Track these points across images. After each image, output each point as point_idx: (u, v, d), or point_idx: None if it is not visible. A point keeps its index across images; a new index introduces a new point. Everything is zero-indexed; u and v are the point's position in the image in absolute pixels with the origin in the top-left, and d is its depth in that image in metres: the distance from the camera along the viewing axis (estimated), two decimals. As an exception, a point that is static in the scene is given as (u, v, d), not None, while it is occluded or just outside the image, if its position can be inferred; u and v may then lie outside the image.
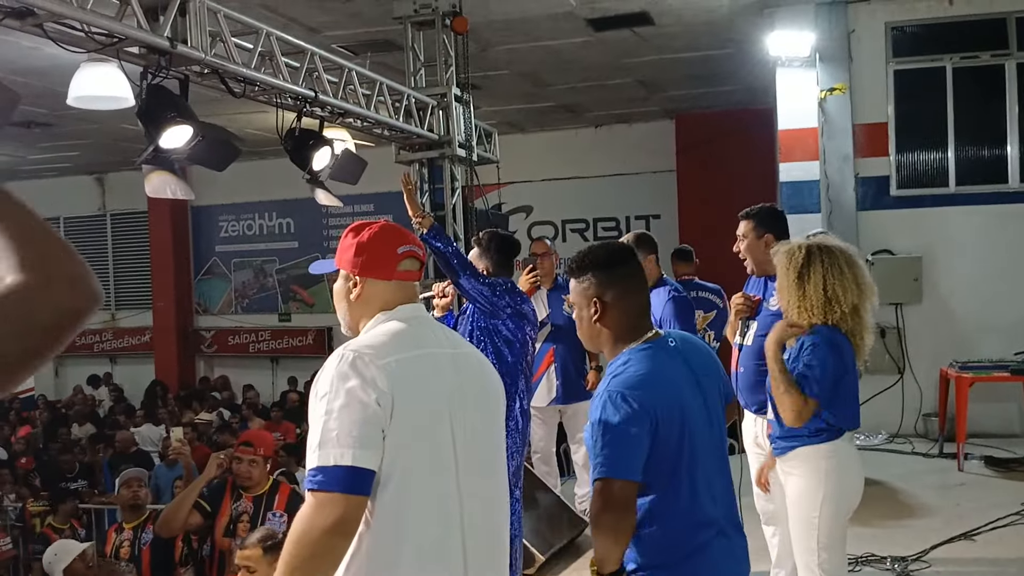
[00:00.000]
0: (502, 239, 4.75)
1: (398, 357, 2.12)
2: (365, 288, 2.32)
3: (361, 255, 2.33)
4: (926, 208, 8.77)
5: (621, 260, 2.72)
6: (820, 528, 3.52)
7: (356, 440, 1.99)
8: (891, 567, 5.08)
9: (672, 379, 2.62)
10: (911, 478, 7.06)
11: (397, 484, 2.06)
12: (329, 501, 1.97)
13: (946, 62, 8.69)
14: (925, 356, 8.48)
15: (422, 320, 2.36)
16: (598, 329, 2.68)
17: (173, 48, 4.66)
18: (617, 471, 2.50)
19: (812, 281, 3.53)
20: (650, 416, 2.50)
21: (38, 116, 11.65)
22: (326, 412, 2.03)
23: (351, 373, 2.05)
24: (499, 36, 9.15)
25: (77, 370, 17.36)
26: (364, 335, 2.25)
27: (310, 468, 2.02)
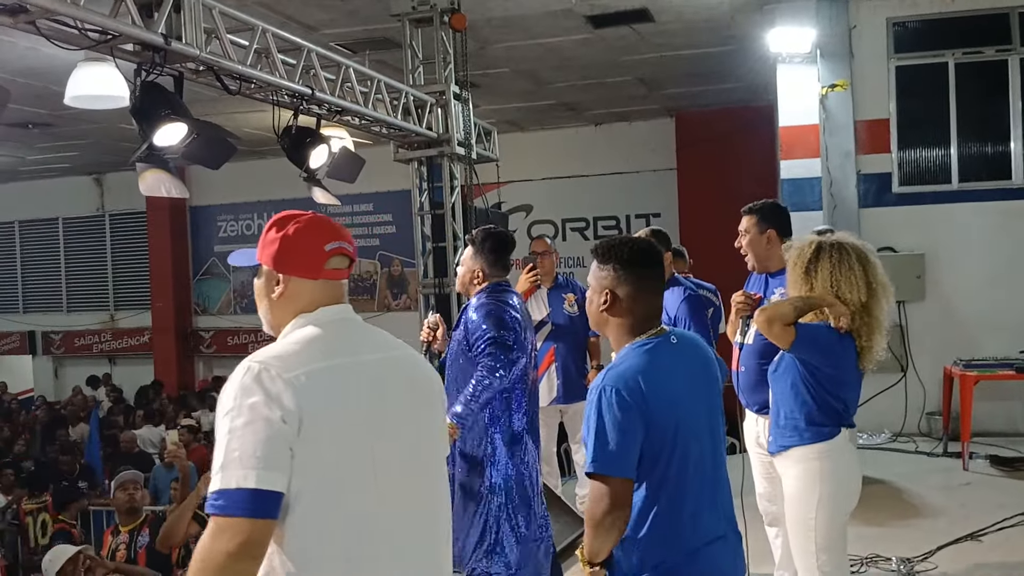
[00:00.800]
0: (496, 237, 4.49)
1: (308, 369, 1.97)
2: (289, 287, 2.15)
3: (285, 251, 2.15)
4: (929, 205, 8.71)
5: (645, 262, 2.72)
6: (817, 529, 3.46)
7: (260, 461, 1.85)
8: (897, 568, 5.03)
9: (669, 375, 2.63)
10: (915, 478, 7.00)
11: (309, 504, 1.92)
12: (230, 526, 1.84)
13: (948, 58, 8.63)
14: (928, 354, 8.42)
15: (346, 323, 2.19)
16: (605, 318, 2.72)
17: (167, 45, 4.60)
18: (610, 468, 2.51)
19: (819, 277, 3.49)
20: (642, 411, 2.52)
21: (36, 117, 11.62)
22: (229, 431, 1.89)
23: (255, 388, 1.91)
24: (498, 33, 9.10)
25: (76, 371, 17.35)
26: (276, 343, 2.09)
27: (211, 491, 1.88)
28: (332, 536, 1.96)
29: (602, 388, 2.55)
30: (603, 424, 2.51)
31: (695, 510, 2.59)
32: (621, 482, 2.51)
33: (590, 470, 2.53)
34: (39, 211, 17.60)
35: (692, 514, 2.59)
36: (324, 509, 1.95)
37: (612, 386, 2.54)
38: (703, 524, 2.61)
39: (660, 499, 2.56)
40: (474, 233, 4.61)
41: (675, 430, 2.56)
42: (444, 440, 2.30)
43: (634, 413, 2.51)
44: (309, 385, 1.94)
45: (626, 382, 2.54)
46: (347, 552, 1.97)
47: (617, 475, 2.50)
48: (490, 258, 4.40)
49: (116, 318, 17.41)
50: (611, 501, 2.50)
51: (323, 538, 1.95)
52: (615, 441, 2.50)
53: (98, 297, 17.61)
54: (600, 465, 2.51)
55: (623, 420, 2.50)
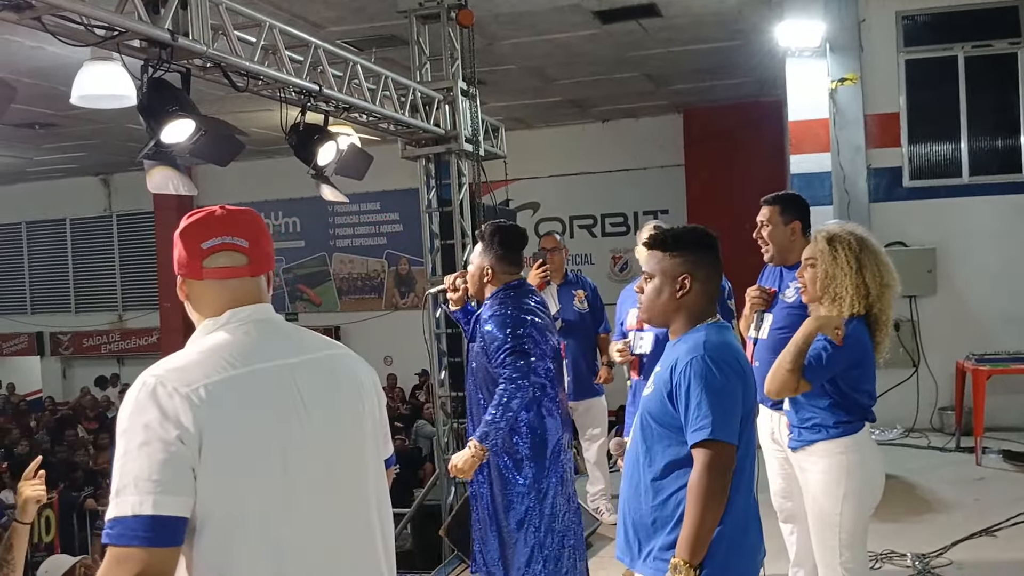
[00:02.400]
0: (506, 232, 4.27)
1: (209, 381, 1.81)
2: (186, 289, 2.05)
3: (176, 252, 2.04)
4: (939, 199, 8.66)
5: (713, 245, 2.79)
6: (842, 526, 3.42)
7: (157, 484, 1.71)
8: (912, 564, 4.99)
9: (742, 351, 2.77)
10: (928, 473, 6.96)
11: (218, 529, 1.77)
12: (127, 556, 1.69)
13: (958, 51, 8.58)
14: (940, 349, 8.37)
15: (259, 325, 2.00)
16: (677, 304, 2.73)
17: (174, 41, 4.57)
18: (724, 433, 2.52)
19: (869, 268, 3.46)
20: (742, 379, 2.62)
21: (43, 117, 11.63)
22: (124, 452, 1.74)
23: (149, 405, 1.76)
24: (505, 30, 9.08)
25: (85, 371, 17.38)
26: (178, 352, 1.93)
27: (107, 519, 1.73)
28: (246, 559, 1.81)
29: (705, 358, 2.57)
30: (712, 392, 2.53)
31: (747, 477, 2.70)
32: (732, 448, 2.55)
33: (703, 438, 2.50)
34: (46, 212, 17.63)
35: (748, 481, 2.70)
36: (235, 531, 1.79)
37: (715, 356, 2.58)
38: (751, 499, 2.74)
39: (740, 463, 2.63)
40: (483, 227, 4.42)
41: (749, 409, 2.68)
42: (377, 444, 2.13)
43: (738, 382, 2.59)
44: (209, 400, 1.79)
45: (723, 353, 2.61)
46: (259, 571, 1.82)
47: (729, 441, 2.53)
48: (499, 253, 4.20)
49: (124, 318, 17.43)
50: (724, 466, 2.52)
51: (236, 562, 1.80)
52: (727, 408, 2.54)
53: (106, 297, 17.64)
54: (717, 432, 2.50)
55: (728, 386, 2.56)
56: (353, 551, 2.00)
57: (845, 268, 3.45)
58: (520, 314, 4.10)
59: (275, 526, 1.84)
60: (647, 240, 2.83)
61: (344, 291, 15.90)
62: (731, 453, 2.54)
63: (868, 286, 3.44)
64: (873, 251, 3.50)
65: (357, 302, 15.73)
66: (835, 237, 3.52)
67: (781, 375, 3.40)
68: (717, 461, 2.51)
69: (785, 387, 3.41)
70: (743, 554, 2.68)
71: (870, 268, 3.45)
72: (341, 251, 15.84)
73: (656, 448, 2.67)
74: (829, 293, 3.49)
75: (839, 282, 3.46)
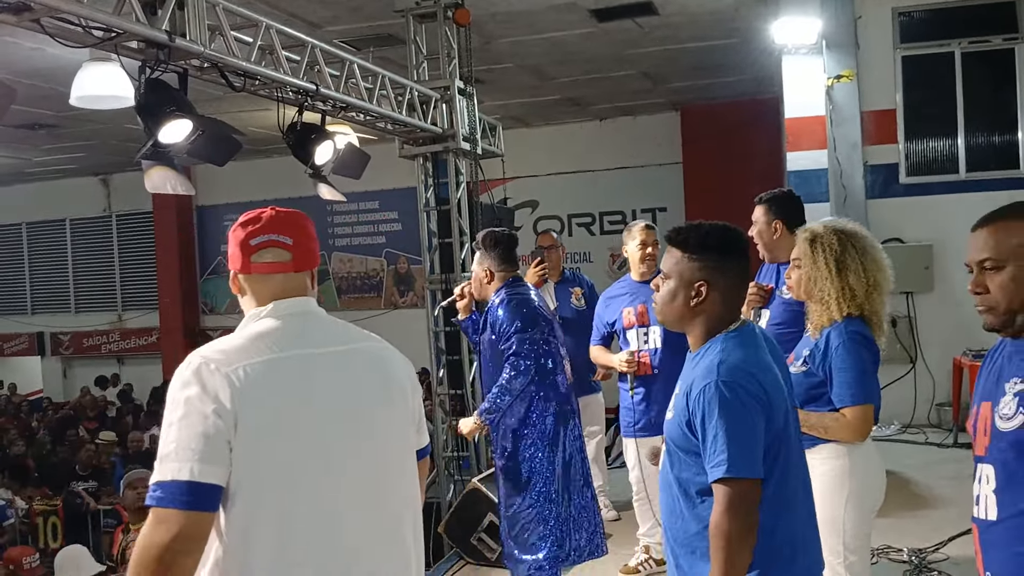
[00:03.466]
0: (498, 235, 4.72)
1: (248, 362, 1.98)
2: (238, 282, 2.24)
3: (228, 248, 2.26)
4: (936, 195, 8.68)
5: (741, 250, 2.57)
6: (846, 528, 3.32)
7: (196, 453, 1.88)
8: (909, 559, 5.01)
9: (770, 364, 2.51)
10: (926, 469, 6.98)
11: (247, 500, 1.93)
12: (167, 517, 1.87)
13: (955, 47, 8.60)
14: (937, 345, 8.39)
15: (301, 316, 2.19)
16: (692, 312, 2.52)
17: (171, 42, 4.59)
18: (745, 469, 2.32)
19: (853, 269, 3.32)
20: (763, 404, 2.38)
21: (42, 118, 11.64)
22: (168, 424, 1.93)
23: (193, 381, 1.94)
24: (502, 28, 9.09)
25: (84, 371, 17.39)
26: (225, 336, 2.13)
27: (151, 483, 1.92)
28: (269, 532, 1.95)
29: (719, 384, 2.36)
30: (731, 424, 2.33)
31: (796, 500, 2.51)
32: (755, 484, 2.35)
33: (720, 475, 2.32)
34: (46, 212, 17.64)
35: (795, 505, 2.50)
36: (264, 504, 1.95)
37: (733, 382, 2.36)
38: (803, 515, 2.55)
39: (770, 493, 2.40)
40: (478, 238, 4.83)
41: (784, 418, 2.45)
42: (409, 434, 2.26)
43: (758, 409, 2.37)
44: (247, 379, 1.96)
45: (744, 376, 2.38)
46: (281, 550, 1.96)
47: (754, 476, 2.34)
48: (497, 254, 4.63)
49: (124, 318, 17.45)
50: (748, 505, 2.33)
51: (260, 534, 1.94)
52: (747, 441, 2.34)
53: (106, 297, 17.65)
54: (735, 469, 2.31)
55: (750, 416, 2.35)
56: (377, 531, 2.12)
57: (824, 271, 3.34)
58: (527, 297, 4.58)
59: (305, 500, 1.98)
60: (668, 234, 2.61)
61: (343, 290, 15.92)
62: (753, 488, 2.34)
63: (853, 288, 3.31)
64: (860, 250, 3.36)
65: (356, 301, 15.75)
66: (816, 238, 3.40)
67: (839, 435, 3.27)
68: (737, 500, 2.32)
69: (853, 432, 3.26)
70: None
71: (853, 269, 3.32)
72: (340, 250, 15.85)
73: (685, 475, 2.50)
74: (814, 296, 3.38)
75: (820, 286, 3.35)
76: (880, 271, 3.39)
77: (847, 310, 3.31)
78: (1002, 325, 2.24)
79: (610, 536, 5.94)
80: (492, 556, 5.66)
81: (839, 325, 3.31)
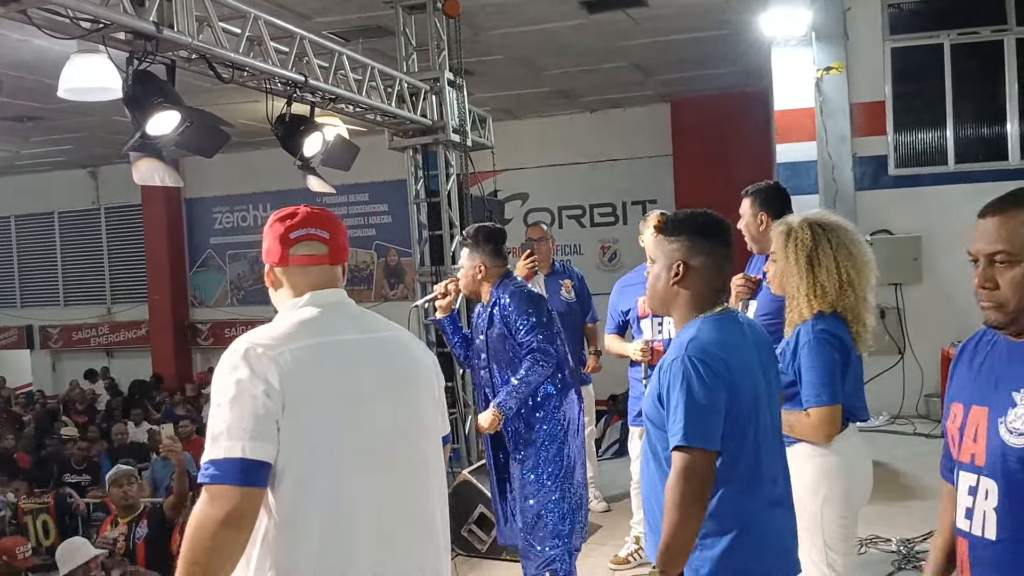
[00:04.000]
0: (487, 230, 4.63)
1: (293, 347, 2.08)
2: (274, 276, 2.32)
3: (265, 244, 2.33)
4: (925, 187, 8.71)
5: (718, 231, 2.69)
6: (825, 527, 3.28)
7: (247, 432, 1.96)
8: (897, 548, 5.04)
9: (742, 348, 2.62)
10: (914, 459, 7.01)
11: (295, 477, 2.01)
12: (220, 494, 1.94)
13: (944, 39, 8.62)
14: (926, 336, 8.42)
15: (336, 305, 2.29)
16: (675, 292, 2.67)
17: (159, 33, 4.58)
18: (699, 440, 2.44)
19: (824, 265, 3.26)
20: (726, 382, 2.49)
21: (30, 110, 11.59)
22: (218, 404, 2.00)
23: (241, 364, 2.02)
24: (492, 20, 9.07)
25: (74, 364, 17.33)
26: (265, 326, 2.18)
27: (203, 462, 1.98)
28: (315, 509, 2.03)
29: (685, 359, 2.49)
30: (690, 396, 2.46)
31: (764, 480, 2.61)
32: (710, 455, 2.46)
33: (679, 443, 2.45)
34: (35, 205, 17.56)
35: (761, 484, 2.61)
36: (313, 483, 2.03)
37: (696, 357, 2.49)
38: (771, 494, 2.65)
39: (738, 472, 2.54)
40: (465, 233, 4.74)
41: (752, 406, 2.56)
42: (432, 418, 2.35)
43: (720, 385, 2.48)
44: (293, 362, 2.04)
45: (710, 353, 2.50)
46: (326, 526, 2.04)
47: (708, 448, 2.45)
48: (488, 249, 4.53)
49: (113, 311, 17.40)
50: (702, 475, 2.45)
51: (307, 511, 2.03)
52: (704, 413, 2.45)
53: (95, 291, 17.59)
54: (691, 437, 2.43)
55: (711, 392, 2.46)
56: (415, 513, 2.22)
57: (794, 267, 3.29)
58: (529, 290, 4.58)
59: (343, 480, 2.06)
60: (655, 223, 2.82)
61: (333, 283, 15.91)
62: (704, 458, 2.45)
63: (824, 285, 3.25)
64: (836, 245, 3.29)
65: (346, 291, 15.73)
66: (790, 232, 3.35)
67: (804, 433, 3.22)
68: (688, 467, 2.44)
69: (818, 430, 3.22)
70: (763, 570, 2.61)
71: (825, 265, 3.26)
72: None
73: (658, 448, 2.61)
74: (787, 292, 3.35)
75: (790, 281, 3.32)
76: (856, 267, 3.31)
77: (817, 307, 3.26)
78: (1008, 323, 2.07)
79: (600, 527, 5.97)
80: (483, 548, 5.68)
81: (808, 323, 3.26)
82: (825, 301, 3.27)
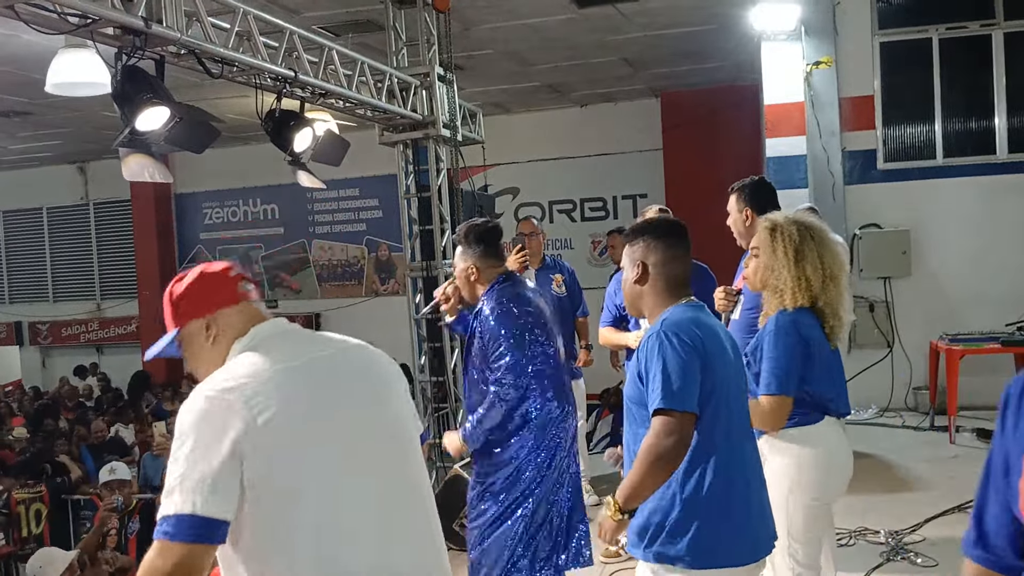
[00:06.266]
0: (478, 228, 4.32)
1: (256, 382, 2.01)
2: (219, 323, 2.22)
3: (201, 295, 2.24)
4: (914, 181, 8.75)
5: (669, 232, 2.92)
6: (791, 518, 3.31)
7: (201, 486, 1.90)
8: (886, 540, 5.07)
9: (714, 334, 2.80)
10: (903, 452, 7.06)
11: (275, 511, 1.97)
12: (167, 549, 1.90)
13: (932, 33, 8.65)
14: (914, 329, 8.46)
15: (284, 334, 2.23)
16: (639, 291, 2.89)
17: (148, 28, 4.55)
18: (678, 402, 2.61)
19: (810, 260, 3.34)
20: (700, 353, 2.66)
21: (17, 105, 11.52)
22: (175, 457, 1.95)
23: (202, 416, 1.96)
24: (482, 14, 9.06)
25: (63, 360, 17.27)
26: (221, 369, 2.11)
27: (159, 517, 1.94)
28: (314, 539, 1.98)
29: (660, 333, 2.68)
30: (667, 364, 2.63)
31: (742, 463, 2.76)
32: (688, 416, 2.61)
33: (659, 406, 2.61)
34: (23, 201, 17.47)
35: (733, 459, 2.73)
36: (304, 510, 1.98)
37: (672, 331, 2.68)
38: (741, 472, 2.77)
39: (711, 448, 2.69)
40: (458, 231, 4.45)
41: (722, 382, 2.72)
42: (409, 422, 2.31)
43: (694, 354, 2.65)
44: (257, 401, 1.97)
45: (684, 328, 2.69)
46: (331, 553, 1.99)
47: (687, 409, 2.61)
48: (480, 250, 4.25)
49: (103, 307, 17.33)
50: (680, 434, 2.59)
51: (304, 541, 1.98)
52: (681, 378, 2.62)
53: (84, 286, 17.52)
54: (668, 400, 2.60)
55: (686, 359, 2.63)
56: (406, 512, 2.18)
57: (783, 260, 3.36)
58: (516, 307, 4.14)
59: (337, 502, 2.02)
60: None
61: (324, 278, 15.86)
62: (685, 420, 2.60)
63: (809, 279, 3.33)
64: (818, 242, 3.38)
65: (337, 288, 15.69)
66: (776, 227, 3.42)
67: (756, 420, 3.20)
68: (668, 427, 2.59)
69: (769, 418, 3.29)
70: (721, 539, 2.67)
71: (811, 260, 3.33)
72: (320, 237, 15.78)
73: (640, 432, 2.72)
74: (769, 285, 3.40)
75: (777, 274, 3.37)
76: (838, 263, 3.41)
77: (801, 300, 3.33)
78: None
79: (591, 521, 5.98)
80: (474, 542, 5.67)
81: (778, 314, 3.34)
82: (809, 294, 3.34)
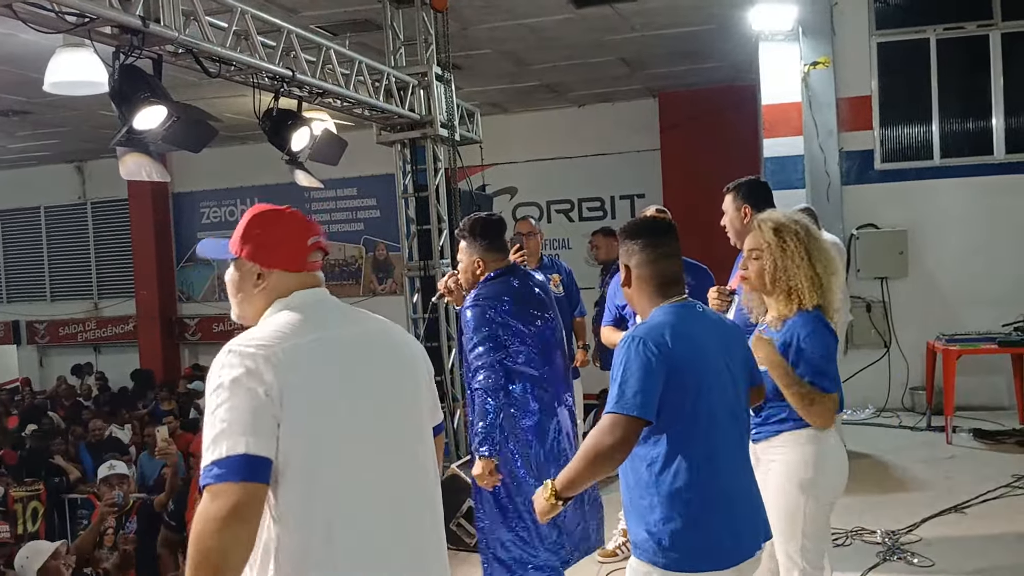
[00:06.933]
0: (482, 222, 4.30)
1: (286, 345, 2.05)
2: (271, 280, 2.24)
3: (270, 246, 2.26)
4: (911, 181, 8.76)
5: (649, 232, 2.92)
6: (806, 516, 3.33)
7: (247, 428, 1.94)
8: (882, 540, 5.07)
9: (694, 334, 2.77)
10: (899, 452, 7.06)
11: (297, 475, 1.99)
12: (223, 491, 1.91)
13: (930, 33, 8.66)
14: (911, 330, 8.48)
15: (323, 303, 2.27)
16: (627, 293, 2.94)
17: (145, 27, 4.55)
18: (628, 407, 2.62)
19: (818, 259, 3.32)
20: (666, 361, 2.65)
21: (15, 104, 11.51)
22: (216, 406, 1.97)
23: (236, 363, 2.00)
24: (480, 14, 9.06)
25: (61, 359, 17.26)
26: (254, 328, 2.15)
27: (205, 465, 1.95)
28: (318, 501, 2.02)
29: (631, 338, 2.71)
30: (628, 369, 2.66)
31: (718, 465, 2.73)
32: (635, 421, 2.63)
33: (610, 409, 2.65)
34: (20, 200, 17.44)
35: (715, 469, 2.72)
36: (317, 479, 2.01)
37: (640, 336, 2.70)
38: (726, 481, 2.75)
39: (688, 452, 2.68)
40: (461, 224, 4.42)
41: (698, 387, 2.70)
42: (427, 404, 2.35)
43: (657, 362, 2.64)
44: (287, 360, 2.02)
45: (653, 334, 2.70)
46: (335, 520, 2.03)
47: (634, 415, 2.62)
48: (483, 244, 4.24)
49: (100, 306, 17.31)
50: (622, 436, 2.63)
51: (314, 506, 2.01)
52: (636, 384, 2.63)
53: (82, 286, 17.50)
54: (620, 405, 2.64)
55: (646, 367, 2.64)
56: (414, 497, 2.22)
57: (797, 260, 3.29)
58: (493, 300, 4.09)
59: (351, 475, 2.06)
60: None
61: (321, 277, 15.87)
62: (629, 423, 2.62)
63: (820, 277, 3.30)
64: (818, 239, 3.38)
65: (335, 288, 15.44)
66: (782, 227, 3.35)
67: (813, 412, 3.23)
68: (611, 427, 2.63)
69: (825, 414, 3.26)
70: (702, 540, 2.69)
71: (818, 259, 3.31)
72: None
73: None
74: (781, 287, 3.33)
75: (791, 275, 3.30)
76: (833, 261, 3.40)
77: (817, 299, 3.31)
78: None
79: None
80: (471, 541, 5.69)
81: (805, 315, 3.30)
82: (820, 293, 3.32)
